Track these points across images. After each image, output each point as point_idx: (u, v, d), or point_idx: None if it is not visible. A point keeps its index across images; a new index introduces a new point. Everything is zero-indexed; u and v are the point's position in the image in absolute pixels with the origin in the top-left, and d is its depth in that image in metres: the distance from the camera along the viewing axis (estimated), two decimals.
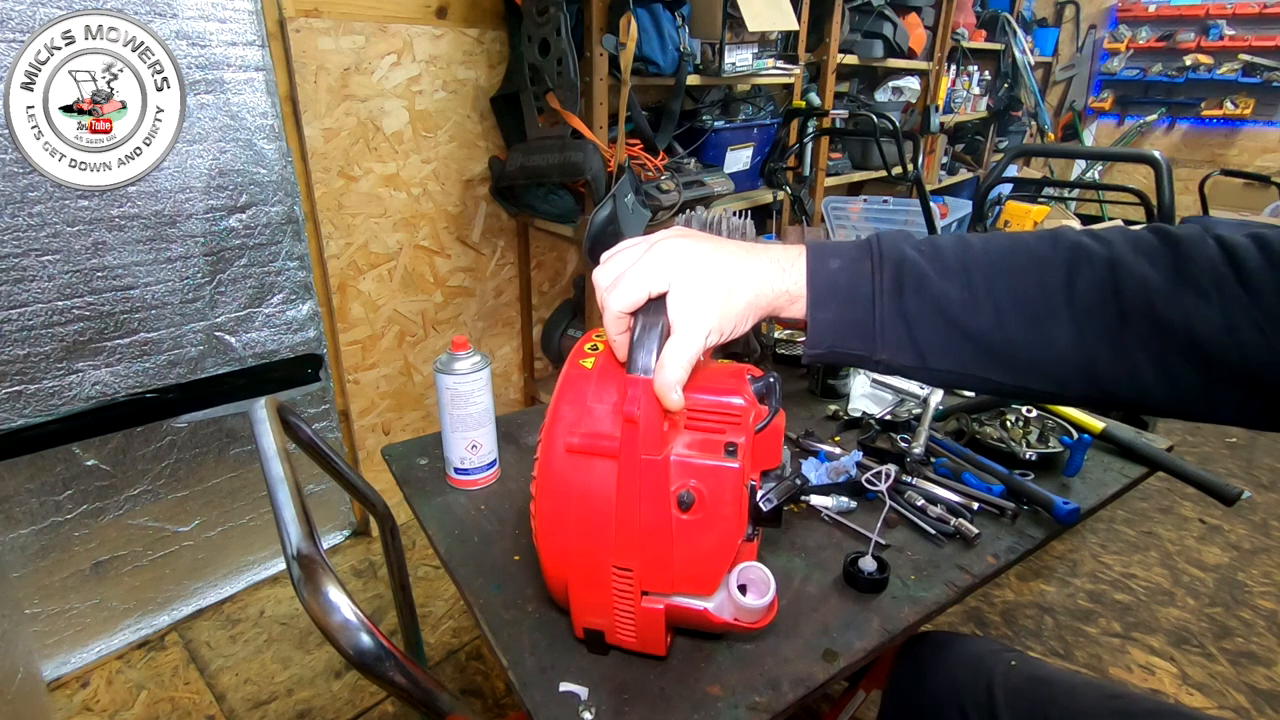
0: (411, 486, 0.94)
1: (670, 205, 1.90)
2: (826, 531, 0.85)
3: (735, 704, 0.61)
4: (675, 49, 1.84)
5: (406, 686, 0.50)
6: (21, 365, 1.32)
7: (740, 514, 0.59)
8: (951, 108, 3.53)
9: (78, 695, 1.50)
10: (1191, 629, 1.70)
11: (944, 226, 2.93)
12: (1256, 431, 2.57)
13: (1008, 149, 3.16)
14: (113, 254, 1.37)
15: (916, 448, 0.94)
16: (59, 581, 1.49)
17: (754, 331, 1.19)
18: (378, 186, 1.78)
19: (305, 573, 0.51)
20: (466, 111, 1.88)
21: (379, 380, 1.96)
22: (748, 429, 0.61)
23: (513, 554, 0.80)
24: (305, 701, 1.48)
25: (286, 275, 1.62)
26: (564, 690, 0.62)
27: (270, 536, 1.80)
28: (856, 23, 2.67)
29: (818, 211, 2.77)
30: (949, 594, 0.74)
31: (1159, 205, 1.77)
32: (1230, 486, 0.89)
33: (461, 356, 0.88)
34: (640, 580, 0.59)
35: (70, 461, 1.43)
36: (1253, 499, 2.22)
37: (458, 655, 1.59)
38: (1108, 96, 4.33)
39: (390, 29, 1.67)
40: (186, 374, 1.52)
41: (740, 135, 2.24)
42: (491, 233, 2.06)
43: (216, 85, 1.41)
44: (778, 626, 0.69)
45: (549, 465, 0.60)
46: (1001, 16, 3.71)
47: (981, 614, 1.74)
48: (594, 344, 0.66)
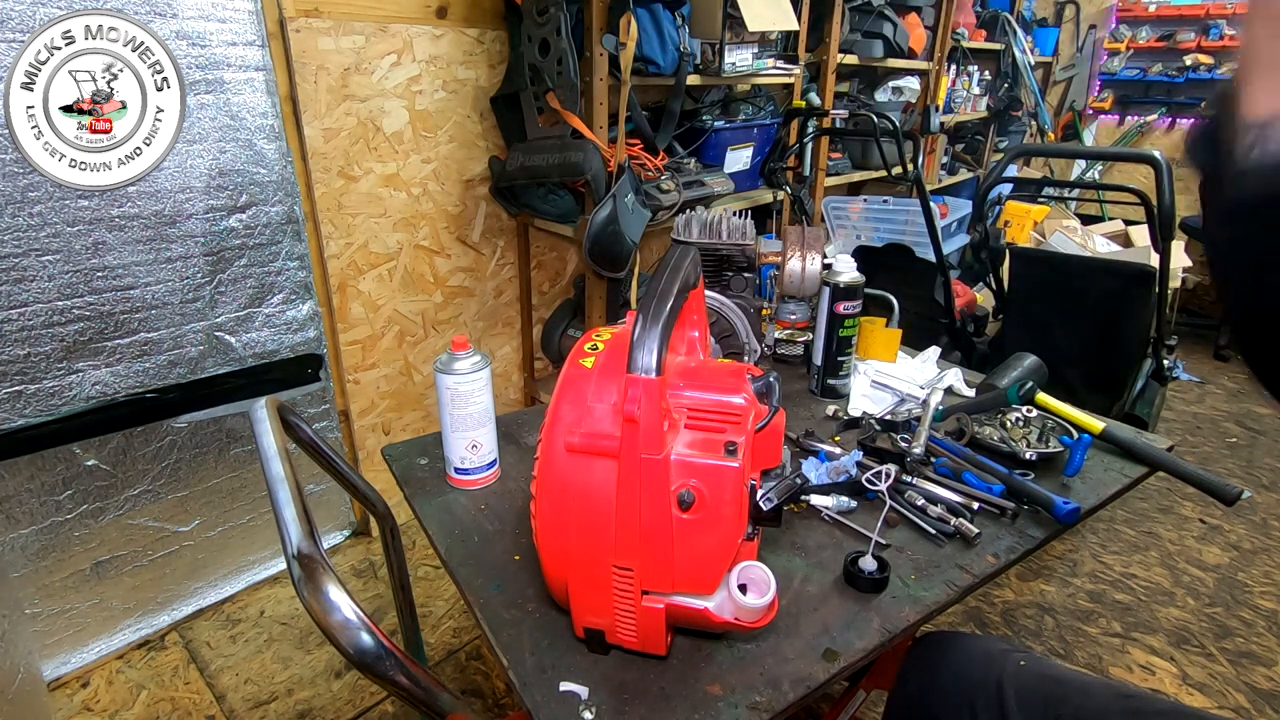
0: (411, 486, 0.94)
1: (670, 205, 1.90)
2: (826, 531, 0.85)
3: (735, 704, 0.61)
4: (675, 49, 1.84)
5: (407, 686, 0.50)
6: (22, 365, 1.32)
7: (740, 513, 0.59)
8: (951, 108, 3.53)
9: (78, 695, 1.50)
10: (1192, 629, 1.70)
11: (944, 226, 2.93)
12: (1256, 431, 2.57)
13: (1008, 149, 3.16)
14: (113, 254, 1.37)
15: (916, 448, 0.94)
16: (59, 581, 1.49)
17: (754, 331, 1.19)
18: (378, 186, 1.78)
19: (306, 572, 0.51)
20: (466, 111, 1.88)
21: (379, 380, 1.96)
22: (748, 429, 0.61)
23: (513, 554, 0.80)
24: (305, 701, 1.48)
25: (286, 275, 1.62)
26: (564, 690, 0.62)
27: (270, 536, 1.80)
28: (856, 23, 2.67)
29: (818, 211, 2.77)
30: (949, 594, 0.74)
31: (1159, 205, 1.77)
32: (1230, 486, 0.89)
33: (461, 356, 0.88)
34: (640, 580, 0.59)
35: (70, 461, 1.43)
36: (1253, 499, 2.22)
37: (458, 655, 1.59)
38: (1108, 96, 4.33)
39: (390, 29, 1.67)
40: (186, 374, 1.52)
41: (740, 135, 2.24)
42: (491, 233, 2.06)
43: (216, 85, 1.41)
44: (778, 626, 0.69)
45: (549, 465, 0.60)
46: (1001, 16, 3.71)
47: (981, 614, 1.74)
48: (594, 344, 0.66)
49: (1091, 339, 2.00)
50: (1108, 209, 3.89)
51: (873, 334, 1.26)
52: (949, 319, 2.18)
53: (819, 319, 1.15)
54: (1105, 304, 1.96)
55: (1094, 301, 1.98)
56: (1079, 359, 2.01)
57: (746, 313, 1.19)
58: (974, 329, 2.29)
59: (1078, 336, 2.02)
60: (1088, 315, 2.00)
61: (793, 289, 1.25)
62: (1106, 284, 1.95)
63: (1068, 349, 2.00)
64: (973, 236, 2.20)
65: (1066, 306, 2.03)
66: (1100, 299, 1.97)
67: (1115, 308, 1.95)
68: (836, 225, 2.97)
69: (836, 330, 1.13)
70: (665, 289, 0.60)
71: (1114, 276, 1.95)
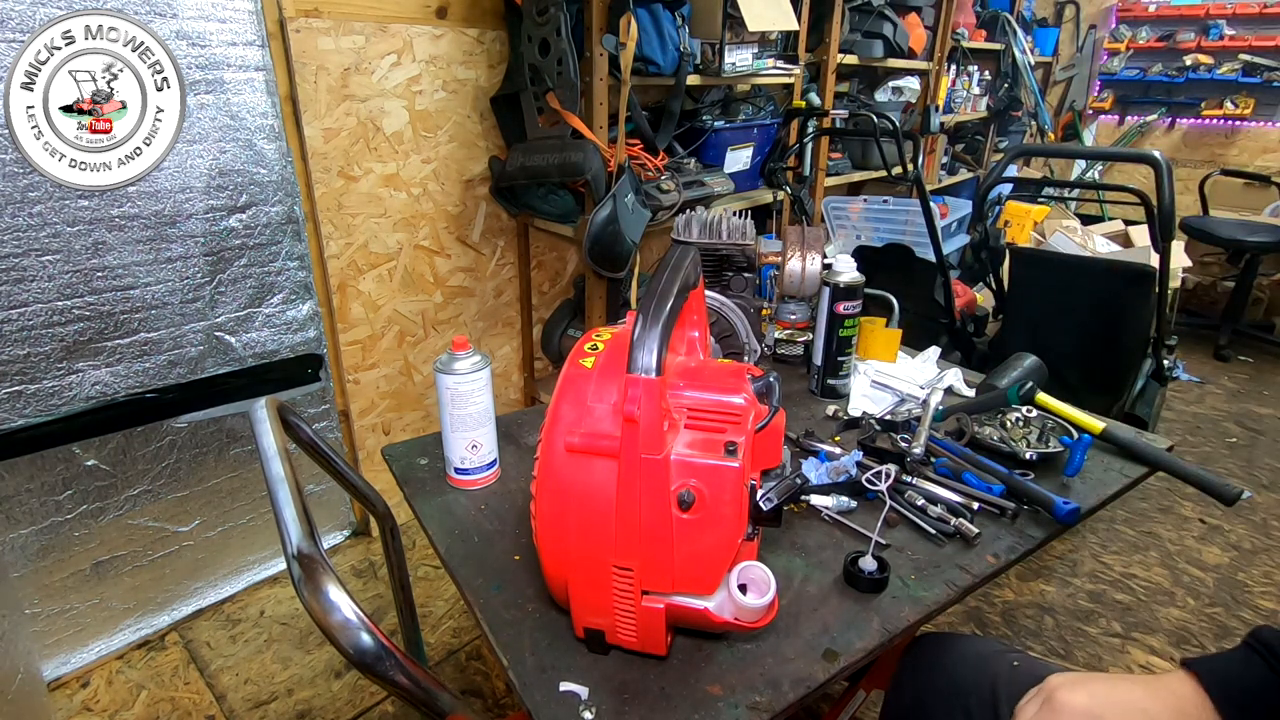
0: (411, 486, 0.94)
1: (670, 205, 1.90)
2: (826, 531, 0.85)
3: (735, 704, 0.61)
4: (675, 49, 1.84)
5: (407, 686, 0.50)
6: (21, 365, 1.32)
7: (740, 513, 0.59)
8: (951, 108, 3.53)
9: (78, 695, 1.50)
10: (1191, 629, 1.70)
11: (944, 226, 2.93)
12: (1256, 431, 2.57)
13: (1008, 149, 3.16)
14: (113, 254, 1.37)
15: (916, 448, 0.94)
16: (59, 581, 1.49)
17: (754, 331, 1.19)
18: (378, 186, 1.78)
19: (305, 572, 0.51)
20: (466, 111, 1.88)
21: (379, 380, 1.96)
22: (748, 429, 0.61)
23: (513, 554, 0.80)
24: (305, 701, 1.48)
25: (286, 275, 1.62)
26: (564, 690, 0.62)
27: (270, 536, 1.80)
28: (856, 23, 2.67)
29: (818, 211, 2.77)
30: (949, 594, 0.74)
31: (1159, 205, 1.77)
32: (1230, 486, 0.89)
33: (461, 356, 0.88)
34: (640, 580, 0.59)
35: (70, 461, 1.43)
36: (1253, 499, 2.22)
37: (458, 655, 1.59)
38: (1108, 96, 4.33)
39: (390, 29, 1.67)
40: (186, 374, 1.52)
41: (740, 135, 2.24)
42: (491, 233, 2.06)
43: (216, 85, 1.41)
44: (778, 626, 0.69)
45: (549, 465, 0.60)
46: (1001, 16, 3.71)
47: (981, 614, 1.74)
48: (594, 344, 0.66)
49: (1091, 339, 2.00)
50: (1108, 209, 3.89)
51: (873, 334, 1.26)
52: (949, 319, 2.18)
53: (819, 319, 1.15)
54: (1105, 304, 1.96)
55: (1094, 301, 1.98)
56: (1079, 359, 2.00)
57: (746, 313, 1.19)
58: (974, 329, 2.29)
59: (1078, 336, 2.02)
60: (1088, 315, 2.00)
61: (793, 289, 1.25)
62: (1106, 284, 1.95)
63: (1068, 349, 2.00)
64: (973, 236, 2.20)
65: (1066, 306, 2.03)
66: (1100, 299, 1.97)
67: (1115, 308, 1.95)
68: (836, 225, 2.97)
69: (836, 330, 1.13)
70: (665, 289, 0.60)
71: (1114, 276, 1.95)
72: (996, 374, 1.15)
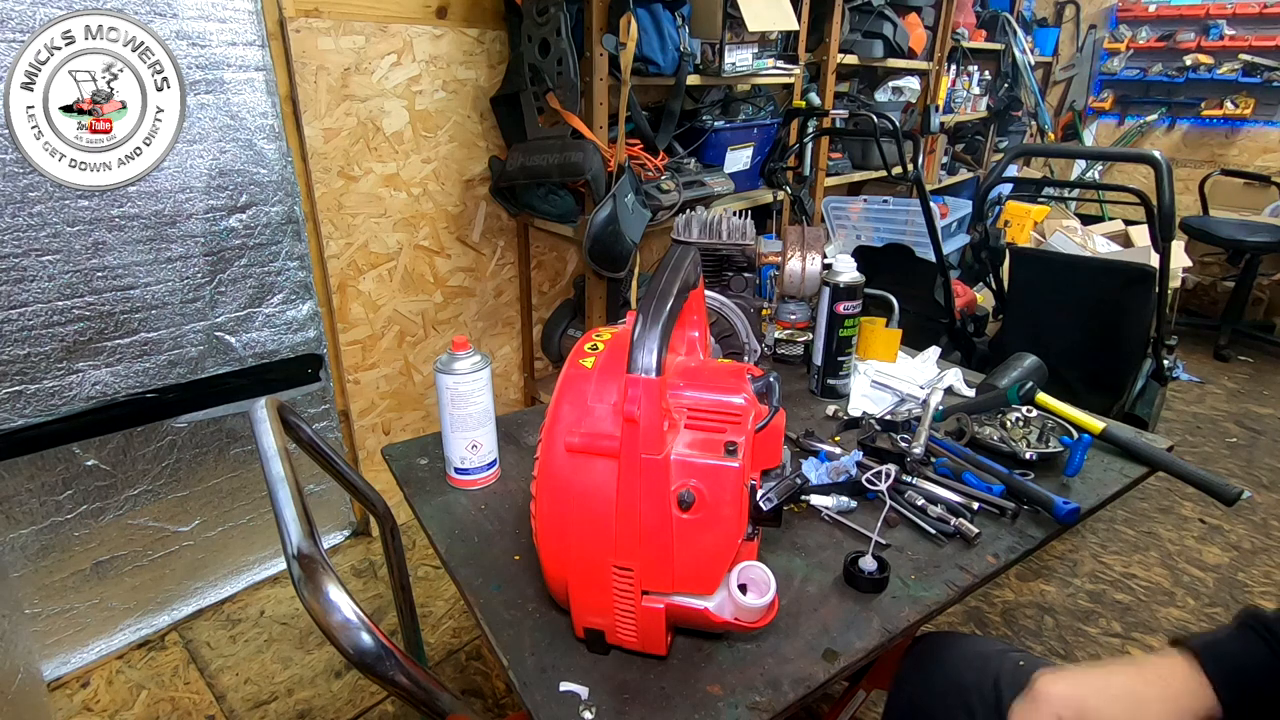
0: (411, 486, 0.94)
1: (670, 205, 1.90)
2: (826, 531, 0.85)
3: (735, 704, 0.61)
4: (675, 49, 1.84)
5: (407, 686, 0.50)
6: (21, 365, 1.32)
7: (740, 513, 0.59)
8: (951, 108, 3.53)
9: (78, 695, 1.50)
10: (1192, 629, 1.70)
11: (944, 226, 2.93)
12: (1255, 431, 2.57)
13: (1008, 149, 3.16)
14: (113, 254, 1.37)
15: (916, 448, 0.94)
16: (59, 581, 1.49)
17: (754, 331, 1.19)
18: (378, 186, 1.78)
19: (306, 572, 0.51)
20: (466, 111, 1.88)
21: (379, 380, 1.96)
22: (748, 429, 0.61)
23: (513, 554, 0.80)
24: (305, 701, 1.48)
25: (286, 275, 1.62)
26: (564, 690, 0.62)
27: (270, 536, 1.80)
28: (856, 23, 2.67)
29: (818, 211, 2.77)
30: (949, 594, 0.74)
31: (1159, 205, 1.77)
32: (1230, 486, 0.89)
33: (461, 356, 0.88)
34: (640, 580, 0.59)
35: (70, 461, 1.43)
36: (1253, 499, 2.22)
37: (458, 655, 1.59)
38: (1108, 96, 4.33)
39: (390, 29, 1.67)
40: (186, 374, 1.52)
41: (740, 135, 2.24)
42: (491, 233, 2.06)
43: (216, 85, 1.41)
44: (778, 626, 0.69)
45: (549, 465, 0.60)
46: (1001, 16, 3.71)
47: (981, 614, 1.74)
48: (594, 344, 0.66)
49: (1091, 339, 2.00)
50: (1108, 209, 3.89)
51: (873, 334, 1.26)
52: (949, 319, 2.18)
53: (819, 319, 1.15)
54: (1105, 304, 1.96)
55: (1094, 301, 1.98)
56: (1079, 359, 2.00)
57: (746, 313, 1.19)
58: (974, 329, 2.29)
59: (1078, 336, 2.02)
60: (1088, 315, 2.00)
61: (793, 289, 1.25)
62: (1106, 284, 1.95)
63: (1068, 349, 2.00)
64: (973, 236, 2.20)
65: (1066, 306, 2.03)
66: (1100, 299, 1.97)
67: (1115, 308, 1.95)
68: (836, 225, 2.97)
69: (836, 330, 1.13)
70: (665, 289, 0.60)
71: (1114, 276, 1.95)
72: (996, 374, 1.15)
